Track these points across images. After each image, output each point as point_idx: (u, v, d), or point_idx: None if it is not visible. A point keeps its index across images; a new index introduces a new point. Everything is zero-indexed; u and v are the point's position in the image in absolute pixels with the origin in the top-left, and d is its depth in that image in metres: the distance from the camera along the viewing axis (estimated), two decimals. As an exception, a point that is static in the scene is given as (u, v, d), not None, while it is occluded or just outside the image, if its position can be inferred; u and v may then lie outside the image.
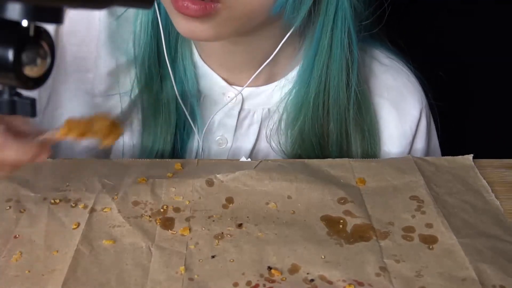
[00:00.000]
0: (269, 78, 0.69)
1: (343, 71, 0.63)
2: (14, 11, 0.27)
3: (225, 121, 0.69)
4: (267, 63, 0.64)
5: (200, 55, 0.68)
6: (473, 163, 0.62)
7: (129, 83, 0.68)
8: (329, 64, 0.63)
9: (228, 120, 0.69)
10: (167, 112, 0.67)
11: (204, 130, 0.69)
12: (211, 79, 0.68)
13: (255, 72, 0.66)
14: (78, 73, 0.68)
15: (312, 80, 0.64)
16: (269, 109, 0.69)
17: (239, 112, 0.69)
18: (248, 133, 0.70)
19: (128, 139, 0.69)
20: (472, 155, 0.63)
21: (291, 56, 0.67)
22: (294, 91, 0.66)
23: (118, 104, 0.68)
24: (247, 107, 0.69)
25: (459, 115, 1.03)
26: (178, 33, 0.66)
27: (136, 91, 0.67)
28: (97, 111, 0.68)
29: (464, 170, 0.61)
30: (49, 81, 0.65)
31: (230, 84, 0.68)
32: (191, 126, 0.69)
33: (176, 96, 0.67)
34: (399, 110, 0.70)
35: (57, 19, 0.28)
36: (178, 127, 0.69)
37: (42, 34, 0.30)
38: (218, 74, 0.68)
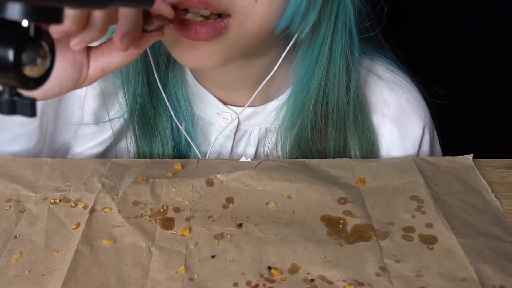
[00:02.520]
0: (265, 97, 0.67)
1: (343, 75, 0.61)
2: (14, 11, 0.27)
3: (221, 142, 0.68)
4: (261, 80, 0.62)
5: (192, 74, 0.66)
6: (473, 163, 0.62)
7: (120, 105, 0.66)
8: (329, 69, 0.61)
9: (223, 141, 0.68)
10: (163, 135, 0.66)
11: (208, 155, 0.67)
12: (205, 99, 0.67)
13: (250, 90, 0.64)
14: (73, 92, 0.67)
15: (312, 86, 0.62)
16: (266, 129, 0.68)
17: (235, 133, 0.68)
18: (245, 153, 0.68)
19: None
20: (472, 155, 0.63)
21: (285, 72, 0.64)
22: (290, 102, 0.65)
23: (110, 124, 0.67)
24: (243, 127, 0.68)
25: (459, 115, 1.03)
26: (168, 53, 0.63)
27: (127, 112, 0.66)
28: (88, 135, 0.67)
29: (464, 170, 0.61)
30: (48, 102, 0.65)
31: (225, 103, 0.66)
32: (188, 149, 0.67)
33: (171, 119, 0.65)
34: (401, 128, 0.67)
35: (57, 19, 0.28)
36: (176, 151, 0.67)
37: (42, 34, 0.30)
38: (212, 93, 0.66)
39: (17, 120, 0.65)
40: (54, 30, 0.41)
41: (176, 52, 0.55)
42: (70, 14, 0.40)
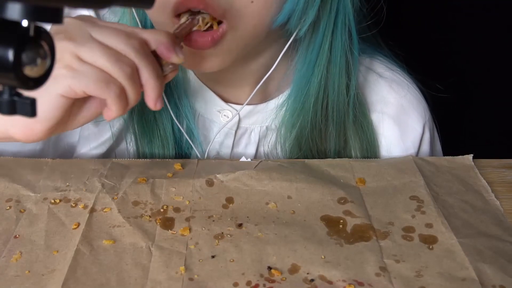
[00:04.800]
0: (266, 95, 0.67)
1: (343, 74, 0.62)
2: (14, 11, 0.27)
3: (222, 139, 0.68)
4: (262, 78, 0.62)
5: (194, 72, 0.67)
6: (473, 163, 0.62)
7: None
8: (328, 68, 0.61)
9: (224, 139, 0.68)
10: (163, 134, 0.66)
11: (207, 152, 0.67)
12: (206, 97, 0.67)
13: (252, 87, 0.64)
14: None
15: (312, 85, 0.62)
16: (267, 127, 0.68)
17: (236, 131, 0.68)
18: (246, 152, 0.69)
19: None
20: (472, 155, 0.63)
21: (285, 71, 0.65)
22: (290, 101, 0.65)
23: (108, 124, 0.67)
24: (244, 125, 0.68)
25: (459, 115, 1.03)
26: None
27: (125, 115, 0.66)
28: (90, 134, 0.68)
29: (464, 170, 0.61)
30: None
31: (226, 101, 0.67)
32: (189, 147, 0.68)
33: (172, 117, 0.66)
34: (401, 126, 0.67)
35: (57, 19, 0.28)
36: (176, 149, 0.68)
37: (42, 34, 0.29)
38: (213, 91, 0.67)
39: None
40: (108, 117, 0.46)
41: None
42: (114, 107, 0.45)
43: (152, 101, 0.47)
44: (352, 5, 0.58)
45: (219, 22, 0.53)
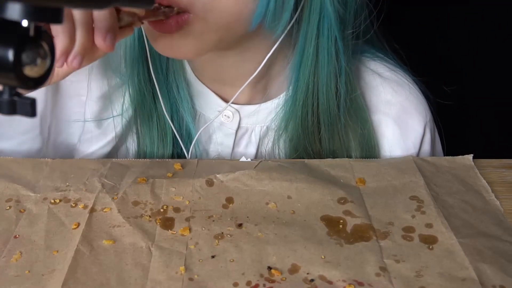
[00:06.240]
0: (266, 95, 0.67)
1: (331, 79, 0.62)
2: (14, 11, 0.27)
3: (222, 139, 0.68)
4: (260, 77, 0.63)
5: (193, 72, 0.67)
6: (473, 163, 0.62)
7: (122, 104, 0.67)
8: (315, 72, 0.61)
9: (225, 139, 0.68)
10: (163, 131, 0.67)
11: (191, 147, 0.67)
12: (205, 97, 0.67)
13: (251, 88, 0.64)
14: (74, 97, 0.68)
15: (299, 88, 0.62)
16: (267, 127, 0.68)
17: (236, 131, 0.68)
18: (246, 152, 0.69)
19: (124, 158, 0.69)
20: (472, 155, 0.63)
21: (284, 70, 0.65)
22: (284, 102, 0.65)
23: (112, 125, 0.67)
24: (244, 125, 0.68)
25: (459, 115, 1.03)
26: None
27: (129, 112, 0.67)
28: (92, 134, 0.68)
29: (464, 170, 0.61)
30: (48, 111, 0.66)
31: (226, 101, 0.67)
32: (189, 146, 0.68)
33: (172, 117, 0.66)
34: (402, 127, 0.67)
35: (57, 19, 0.28)
36: (175, 146, 0.68)
37: (42, 34, 0.30)
38: (213, 91, 0.67)
39: (18, 129, 0.67)
40: (58, 50, 0.44)
41: (153, 41, 0.57)
42: (58, 30, 0.43)
43: (102, 34, 0.46)
44: (333, 10, 0.58)
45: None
